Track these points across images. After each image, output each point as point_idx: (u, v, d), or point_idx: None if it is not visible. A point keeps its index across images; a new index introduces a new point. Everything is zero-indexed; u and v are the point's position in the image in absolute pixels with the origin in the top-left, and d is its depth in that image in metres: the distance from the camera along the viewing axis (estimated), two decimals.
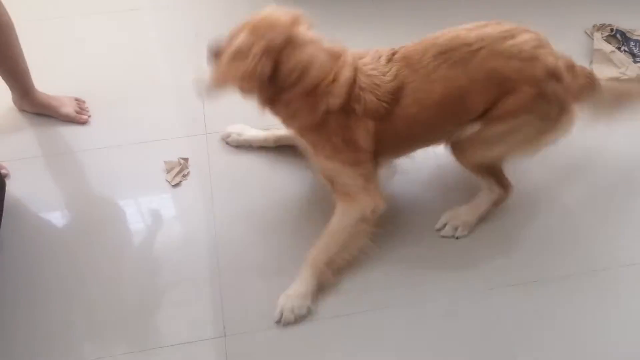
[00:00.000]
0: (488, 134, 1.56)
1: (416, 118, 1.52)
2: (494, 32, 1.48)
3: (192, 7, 2.52)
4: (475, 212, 1.74)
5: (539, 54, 1.48)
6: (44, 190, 1.89)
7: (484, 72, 1.47)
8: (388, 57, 1.53)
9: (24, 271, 1.69)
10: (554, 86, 1.49)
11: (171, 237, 1.79)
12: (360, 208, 1.61)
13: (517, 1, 2.49)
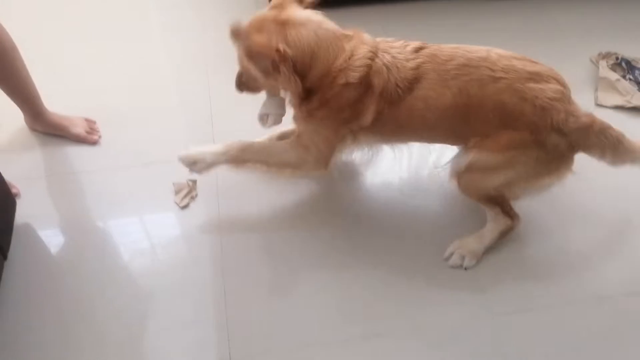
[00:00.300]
0: (483, 163, 1.58)
1: (419, 114, 1.56)
2: (522, 69, 1.51)
3: (202, 31, 2.56)
4: (481, 241, 1.74)
5: (552, 105, 1.49)
6: (53, 209, 1.91)
7: (494, 102, 1.50)
8: (416, 48, 1.57)
9: (32, 290, 1.70)
10: (556, 140, 1.52)
11: (177, 259, 1.79)
12: (303, 162, 1.72)
13: (524, 28, 2.54)
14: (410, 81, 1.53)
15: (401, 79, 1.53)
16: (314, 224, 1.86)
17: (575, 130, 1.52)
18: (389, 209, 1.90)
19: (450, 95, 1.51)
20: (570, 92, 1.56)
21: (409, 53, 1.56)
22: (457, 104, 1.52)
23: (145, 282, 1.73)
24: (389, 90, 1.54)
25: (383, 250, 1.79)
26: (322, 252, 1.78)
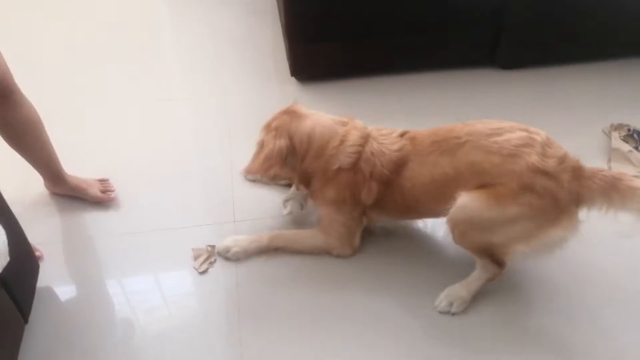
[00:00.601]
0: (477, 217, 1.58)
1: (409, 192, 1.75)
2: (483, 128, 1.63)
3: (225, 97, 2.64)
4: (469, 288, 1.79)
5: (521, 152, 1.55)
6: (74, 273, 1.93)
7: (465, 164, 1.62)
8: (400, 133, 1.80)
9: (52, 354, 1.71)
10: (542, 181, 1.52)
11: (195, 326, 1.79)
12: (330, 247, 1.92)
13: (535, 98, 2.60)
14: (395, 163, 1.75)
15: (387, 162, 1.75)
16: (333, 294, 1.86)
17: (562, 172, 1.53)
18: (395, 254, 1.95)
19: (429, 171, 1.68)
20: (543, 137, 1.57)
21: (394, 138, 1.78)
22: (436, 176, 1.67)
23: (164, 348, 1.73)
24: (377, 172, 1.76)
25: (404, 318, 1.79)
26: (345, 323, 1.78)
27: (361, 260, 1.94)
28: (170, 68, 2.89)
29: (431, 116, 2.48)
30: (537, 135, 1.58)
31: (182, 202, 2.15)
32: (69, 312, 1.83)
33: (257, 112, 2.49)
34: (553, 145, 1.58)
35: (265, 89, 2.66)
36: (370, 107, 2.54)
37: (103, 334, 1.77)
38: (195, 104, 2.63)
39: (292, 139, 1.81)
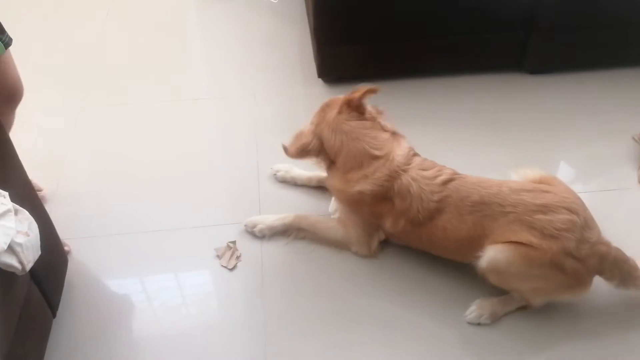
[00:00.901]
0: (505, 268, 1.65)
1: (439, 239, 1.76)
2: (530, 202, 1.65)
3: (252, 97, 2.65)
4: (503, 306, 1.79)
5: (562, 236, 1.60)
6: (101, 269, 1.95)
7: (505, 231, 1.65)
8: (444, 181, 1.76)
9: (79, 347, 1.73)
10: (572, 264, 1.61)
11: (221, 323, 1.81)
12: (348, 242, 1.95)
13: (563, 103, 2.57)
14: (431, 211, 1.74)
15: (423, 208, 1.74)
16: (360, 290, 1.87)
17: (590, 257, 1.63)
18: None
19: (465, 229, 1.70)
20: (582, 220, 1.63)
21: (437, 185, 1.75)
22: (471, 235, 1.70)
23: (188, 345, 1.74)
24: (410, 213, 1.76)
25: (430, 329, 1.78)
26: (370, 320, 1.79)
27: (385, 264, 1.93)
28: (198, 68, 2.92)
29: (458, 120, 2.50)
30: (578, 217, 1.63)
31: (207, 201, 2.16)
32: (95, 307, 1.85)
33: (283, 112, 2.54)
34: (590, 227, 1.65)
35: (292, 90, 2.67)
36: (396, 110, 2.47)
37: (128, 329, 1.79)
38: (222, 104, 2.65)
39: (322, 140, 1.86)
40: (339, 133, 1.83)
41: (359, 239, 1.92)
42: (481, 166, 2.24)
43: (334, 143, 1.83)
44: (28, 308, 1.55)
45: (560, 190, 1.72)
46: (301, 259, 1.96)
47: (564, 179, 2.23)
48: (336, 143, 1.83)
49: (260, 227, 2.00)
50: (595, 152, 2.36)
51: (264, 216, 2.04)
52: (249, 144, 2.39)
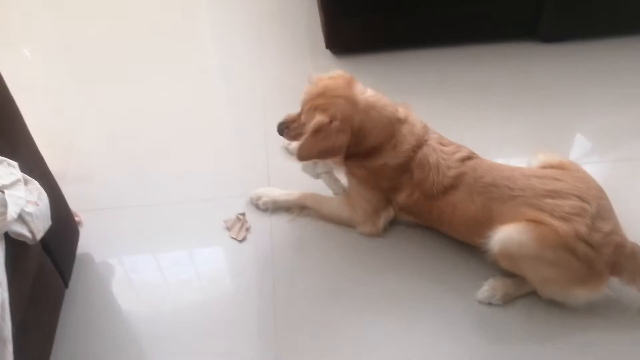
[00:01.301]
0: (516, 248, 1.61)
1: (447, 217, 1.77)
2: (540, 187, 1.64)
3: (260, 69, 2.64)
4: (517, 288, 1.74)
5: (572, 219, 1.57)
6: (113, 240, 1.97)
7: (512, 213, 1.63)
8: (463, 158, 1.76)
9: (91, 317, 1.76)
10: (584, 249, 1.56)
11: (228, 294, 1.83)
12: (353, 222, 1.93)
13: (581, 76, 2.50)
14: (446, 187, 1.73)
15: (438, 182, 1.74)
16: (368, 261, 1.87)
17: (604, 246, 1.58)
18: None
19: (474, 209, 1.70)
20: (594, 210, 1.58)
21: (455, 161, 1.75)
22: (479, 216, 1.69)
23: (197, 316, 1.76)
24: (426, 185, 1.75)
25: (445, 302, 1.78)
26: (377, 291, 1.78)
27: (394, 242, 1.92)
28: (205, 42, 2.91)
29: (469, 91, 2.47)
30: (589, 205, 1.60)
31: (216, 174, 2.16)
32: (106, 279, 1.87)
33: (291, 84, 2.51)
34: (603, 218, 1.61)
35: (299, 62, 2.65)
36: (406, 81, 2.50)
37: (139, 301, 1.82)
38: (229, 77, 2.64)
39: (352, 130, 1.71)
40: (373, 110, 1.73)
41: (365, 217, 1.89)
42: (494, 139, 2.26)
43: (370, 123, 1.72)
44: (40, 277, 1.57)
45: (575, 178, 1.68)
46: (311, 231, 1.96)
47: (580, 150, 2.25)
48: (373, 122, 1.72)
49: (264, 199, 2.00)
50: (611, 121, 2.32)
51: (269, 189, 2.02)
52: (257, 116, 2.37)
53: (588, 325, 1.68)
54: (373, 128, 1.74)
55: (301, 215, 1.99)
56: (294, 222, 1.98)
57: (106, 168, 2.22)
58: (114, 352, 1.68)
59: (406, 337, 1.68)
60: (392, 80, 2.49)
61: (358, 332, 1.69)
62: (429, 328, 1.70)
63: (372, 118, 1.73)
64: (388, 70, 2.53)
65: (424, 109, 1.90)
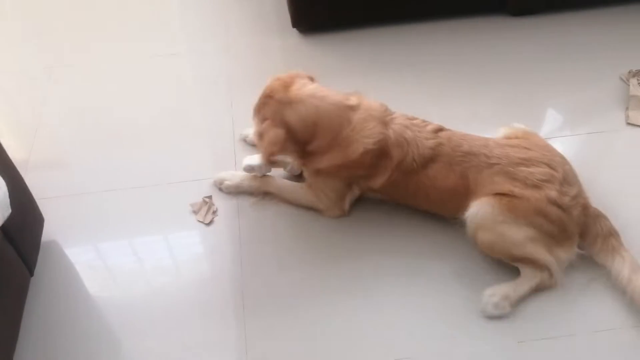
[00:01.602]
0: (492, 219, 1.64)
1: (424, 189, 1.77)
2: (514, 156, 1.70)
3: (226, 53, 2.60)
4: (515, 289, 1.68)
5: (543, 185, 1.65)
6: (79, 227, 1.95)
7: (489, 182, 1.68)
8: (435, 129, 1.78)
9: (57, 305, 1.75)
10: (556, 212, 1.64)
11: (198, 276, 1.82)
12: (318, 208, 1.92)
13: (551, 49, 2.50)
14: (426, 159, 1.74)
15: (419, 155, 1.74)
16: (335, 238, 1.87)
17: (573, 208, 1.67)
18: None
19: (453, 178, 1.72)
20: (561, 176, 1.67)
21: (428, 133, 1.77)
22: (457, 185, 1.72)
23: (167, 300, 1.75)
24: (406, 162, 1.74)
25: (410, 278, 1.77)
26: (344, 267, 1.78)
27: (363, 220, 1.91)
28: (171, 24, 2.86)
29: (438, 67, 2.45)
30: (557, 172, 1.69)
31: (183, 157, 2.14)
32: (73, 266, 1.86)
33: (258, 65, 2.49)
34: (569, 183, 1.70)
35: (266, 42, 2.62)
36: (375, 59, 2.48)
37: (104, 286, 1.80)
38: (195, 59, 2.61)
39: (290, 126, 1.73)
40: (306, 102, 1.73)
41: (330, 204, 1.89)
42: (464, 114, 2.25)
43: (306, 114, 1.72)
44: (3, 266, 1.56)
45: (541, 147, 1.77)
46: (278, 212, 1.95)
47: (552, 124, 2.25)
48: (310, 113, 1.72)
49: (227, 183, 1.99)
50: (582, 94, 2.31)
51: (232, 173, 2.01)
52: (223, 98, 2.35)
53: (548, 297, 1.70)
54: (318, 119, 1.73)
55: (265, 199, 1.98)
56: (257, 205, 1.97)
57: (70, 154, 2.20)
58: (84, 338, 1.67)
59: (376, 316, 1.68)
60: (360, 58, 2.47)
61: (327, 311, 1.69)
62: (401, 304, 1.70)
63: (311, 108, 1.72)
64: (355, 47, 2.50)
65: (392, 86, 1.90)
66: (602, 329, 1.62)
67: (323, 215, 1.92)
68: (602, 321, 1.64)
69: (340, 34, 2.59)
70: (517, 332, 1.62)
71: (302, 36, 2.60)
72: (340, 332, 1.65)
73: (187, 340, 1.65)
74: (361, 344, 1.63)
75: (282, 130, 1.73)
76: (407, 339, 1.63)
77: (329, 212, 1.91)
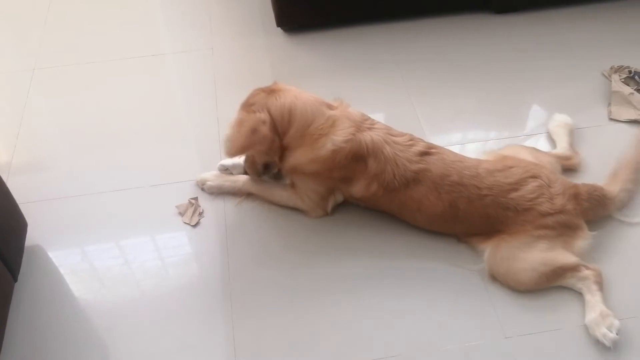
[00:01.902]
0: (504, 255, 1.70)
1: (410, 211, 1.79)
2: (504, 182, 1.72)
3: (210, 53, 2.58)
4: (595, 304, 1.64)
5: (533, 204, 1.70)
6: (63, 231, 1.93)
7: (480, 214, 1.73)
8: (420, 152, 1.75)
9: (41, 310, 1.72)
10: (554, 219, 1.70)
11: (185, 279, 1.81)
12: (301, 208, 1.91)
13: (531, 43, 2.52)
14: (408, 180, 1.73)
15: (400, 175, 1.73)
16: (322, 236, 1.87)
17: (567, 203, 1.72)
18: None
19: (441, 206, 1.73)
20: (545, 179, 1.72)
21: (414, 155, 1.74)
22: (446, 213, 1.74)
23: (155, 303, 1.74)
24: (385, 178, 1.73)
25: (396, 276, 1.78)
26: (332, 264, 1.79)
27: (347, 218, 1.92)
28: (154, 23, 2.82)
29: (422, 65, 2.44)
30: (541, 179, 1.72)
31: (168, 159, 2.13)
32: (58, 270, 1.83)
33: (243, 65, 2.48)
34: (553, 181, 1.74)
35: (251, 42, 2.60)
36: (360, 57, 2.47)
37: (90, 290, 1.78)
38: (179, 60, 2.58)
39: (271, 113, 1.73)
40: (286, 92, 1.76)
41: (313, 204, 1.89)
42: (448, 111, 2.25)
43: (284, 102, 1.73)
44: None
45: (520, 160, 1.81)
46: (265, 213, 1.94)
47: (536, 120, 2.26)
48: (287, 101, 1.74)
49: (209, 184, 1.98)
50: (565, 91, 2.33)
51: (214, 174, 2.00)
52: (208, 99, 2.34)
53: None
54: (293, 107, 1.74)
55: (247, 200, 1.97)
56: (241, 206, 1.96)
57: (53, 157, 2.17)
58: (71, 343, 1.65)
59: (365, 314, 1.68)
60: (345, 57, 2.47)
61: (315, 310, 1.70)
62: (390, 303, 1.71)
63: (290, 97, 1.75)
64: (340, 46, 2.50)
65: (377, 84, 1.89)
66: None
67: (307, 216, 1.92)
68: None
69: (324, 32, 2.58)
70: (504, 328, 1.64)
71: (287, 35, 2.58)
72: (329, 331, 1.66)
73: (175, 342, 1.64)
74: (350, 342, 1.63)
75: (264, 115, 1.73)
76: (396, 337, 1.64)
77: (311, 212, 1.91)
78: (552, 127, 2.13)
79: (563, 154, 2.00)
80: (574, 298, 1.69)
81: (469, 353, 1.60)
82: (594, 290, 1.66)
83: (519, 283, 1.70)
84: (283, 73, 2.41)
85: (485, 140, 2.16)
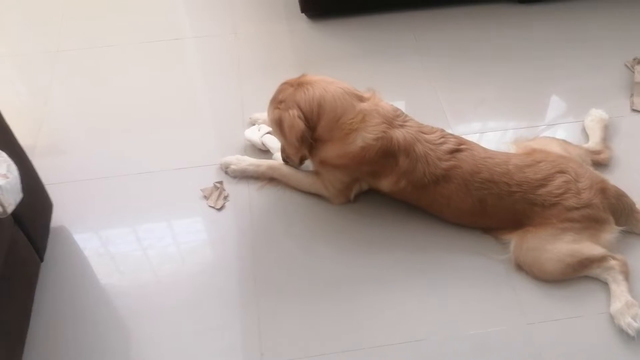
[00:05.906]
0: (531, 247, 1.71)
1: (439, 206, 1.80)
2: (533, 178, 1.72)
3: (235, 37, 2.57)
4: (622, 294, 1.65)
5: (560, 199, 1.70)
6: (88, 213, 1.94)
7: (507, 210, 1.74)
8: (452, 150, 1.75)
9: (67, 290, 1.74)
10: (580, 212, 1.70)
11: (208, 264, 1.81)
12: (324, 195, 1.92)
13: (554, 33, 2.51)
14: (438, 177, 1.74)
15: (430, 173, 1.73)
16: (346, 223, 1.87)
17: (594, 197, 1.71)
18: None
19: (471, 202, 1.74)
20: (573, 173, 1.72)
21: (444, 153, 1.74)
22: (474, 209, 1.75)
23: (178, 287, 1.75)
24: (415, 175, 1.74)
25: (420, 264, 1.79)
26: (355, 250, 1.80)
27: (370, 208, 1.92)
28: (177, 7, 2.81)
29: (444, 54, 2.44)
30: (569, 174, 1.73)
31: (193, 142, 2.13)
32: (83, 252, 1.85)
33: (266, 50, 2.48)
34: (581, 176, 1.74)
35: (274, 27, 2.59)
36: (383, 44, 2.47)
37: (116, 273, 1.79)
38: (203, 44, 2.58)
39: (301, 108, 1.72)
40: (315, 84, 1.73)
41: (336, 192, 1.89)
42: (471, 100, 2.25)
43: (313, 95, 1.71)
44: (14, 252, 1.55)
45: (548, 153, 1.81)
46: (290, 198, 1.95)
47: (556, 111, 2.26)
48: (316, 94, 1.72)
49: (233, 168, 1.98)
50: (587, 81, 2.32)
51: (238, 158, 2.00)
52: (232, 83, 2.33)
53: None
54: (322, 100, 1.72)
55: (270, 185, 1.98)
56: (262, 190, 1.97)
57: (78, 139, 2.17)
58: (93, 324, 1.67)
59: (389, 300, 1.69)
60: (368, 44, 2.46)
61: (339, 297, 1.70)
62: (414, 290, 1.72)
63: (319, 89, 1.72)
64: (363, 33, 2.49)
65: (400, 72, 1.88)
66: (608, 311, 1.65)
67: (329, 203, 1.92)
68: (608, 303, 1.66)
69: (348, 19, 2.57)
70: (527, 314, 1.65)
71: (311, 21, 2.58)
72: (354, 316, 1.67)
73: (199, 326, 1.65)
74: (374, 326, 1.64)
75: (295, 111, 1.72)
76: (421, 322, 1.65)
77: (334, 199, 1.91)
78: (587, 122, 2.11)
79: (594, 149, 1.99)
80: (596, 287, 1.70)
81: (492, 338, 1.61)
82: (620, 280, 1.66)
83: (545, 273, 1.70)
84: (306, 59, 2.41)
85: (505, 129, 2.16)
